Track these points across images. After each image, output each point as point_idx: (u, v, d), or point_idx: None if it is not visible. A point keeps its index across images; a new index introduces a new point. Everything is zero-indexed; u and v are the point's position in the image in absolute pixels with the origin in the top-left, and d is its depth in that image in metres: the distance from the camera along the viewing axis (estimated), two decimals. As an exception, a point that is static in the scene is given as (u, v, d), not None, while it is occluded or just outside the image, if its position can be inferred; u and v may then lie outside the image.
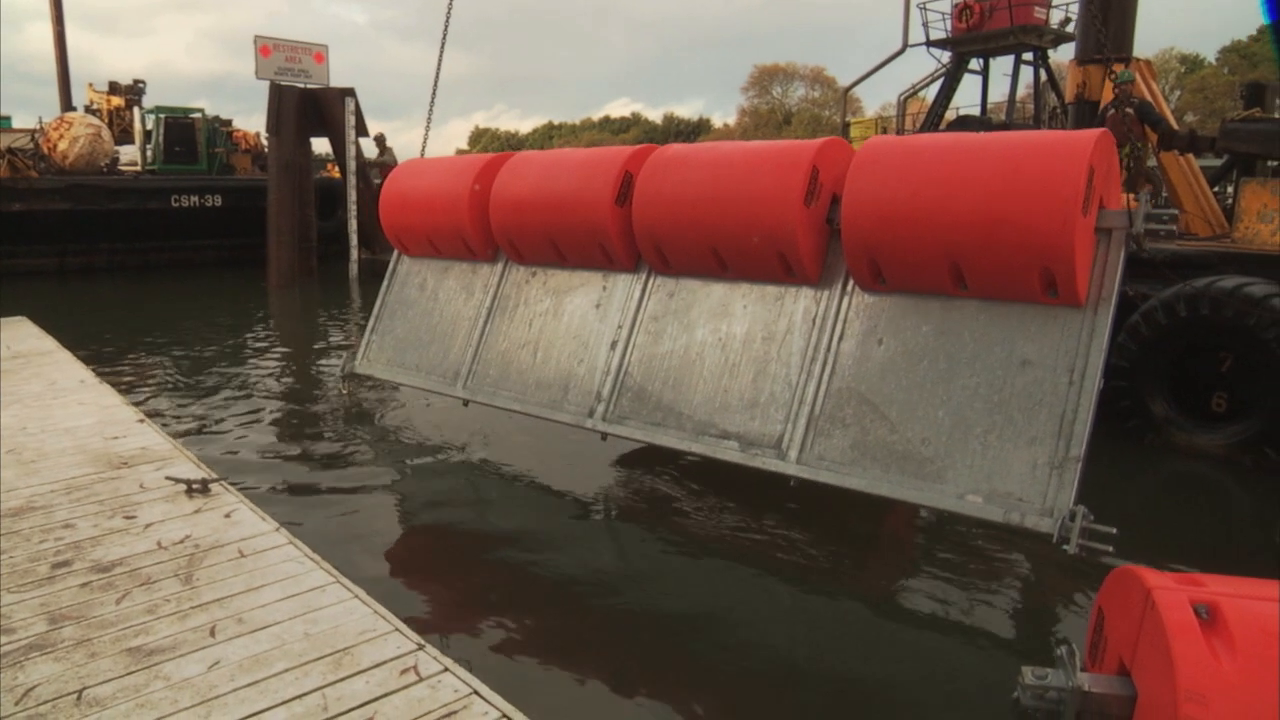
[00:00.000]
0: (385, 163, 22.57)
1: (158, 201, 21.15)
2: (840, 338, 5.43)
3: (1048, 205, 4.55)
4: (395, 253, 8.42)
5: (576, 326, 6.71)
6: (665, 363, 6.11)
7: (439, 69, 9.48)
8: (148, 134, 23.53)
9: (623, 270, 6.59)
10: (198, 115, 23.66)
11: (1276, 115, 10.74)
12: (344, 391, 8.45)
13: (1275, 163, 9.66)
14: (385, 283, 8.32)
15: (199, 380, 9.78)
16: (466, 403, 7.14)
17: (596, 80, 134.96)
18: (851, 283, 5.48)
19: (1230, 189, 10.66)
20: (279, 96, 19.13)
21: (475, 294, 7.56)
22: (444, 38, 9.28)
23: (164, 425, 6.94)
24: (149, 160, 23.34)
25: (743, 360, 5.78)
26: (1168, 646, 2.85)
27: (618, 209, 6.28)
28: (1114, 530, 4.14)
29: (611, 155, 6.55)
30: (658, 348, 6.19)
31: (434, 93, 9.47)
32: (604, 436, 6.17)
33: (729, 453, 5.57)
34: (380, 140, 23.80)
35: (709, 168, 5.85)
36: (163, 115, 23.05)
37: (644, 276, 6.47)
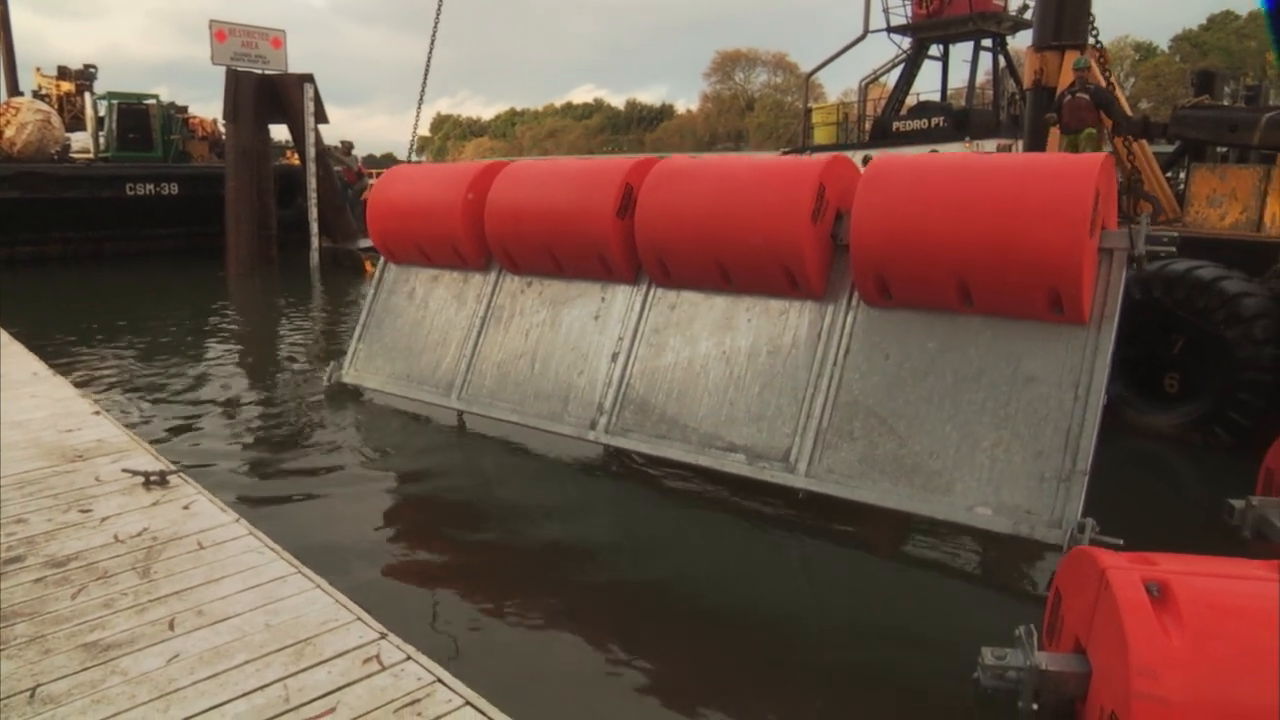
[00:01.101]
0: (348, 165, 22.25)
1: (111, 190, 20.67)
2: (846, 352, 5.53)
3: (1058, 228, 4.67)
4: (381, 260, 8.39)
5: (575, 338, 6.73)
6: (668, 375, 6.16)
7: (426, 75, 9.49)
8: (100, 120, 22.98)
9: (622, 282, 6.61)
10: (152, 101, 23.14)
11: (1226, 103, 10.95)
12: (330, 379, 8.35)
13: (1224, 149, 9.86)
14: (372, 291, 8.30)
15: (157, 371, 9.62)
16: (461, 414, 7.13)
17: (563, 67, 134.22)
18: (856, 297, 5.59)
19: (1182, 174, 10.85)
20: (236, 82, 18.80)
21: (468, 303, 7.55)
22: (431, 46, 9.24)
23: (121, 417, 6.82)
24: (102, 148, 22.81)
25: (748, 373, 5.86)
26: (1120, 624, 2.92)
27: (619, 221, 6.32)
28: (1120, 541, 4.26)
29: (611, 167, 6.59)
30: (660, 360, 6.24)
31: (420, 103, 9.40)
32: (606, 449, 6.23)
33: (736, 466, 5.65)
34: (347, 147, 23.57)
35: (714, 182, 5.93)
36: (115, 101, 22.52)
37: (644, 288, 6.52)
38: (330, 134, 20.72)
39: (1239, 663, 2.76)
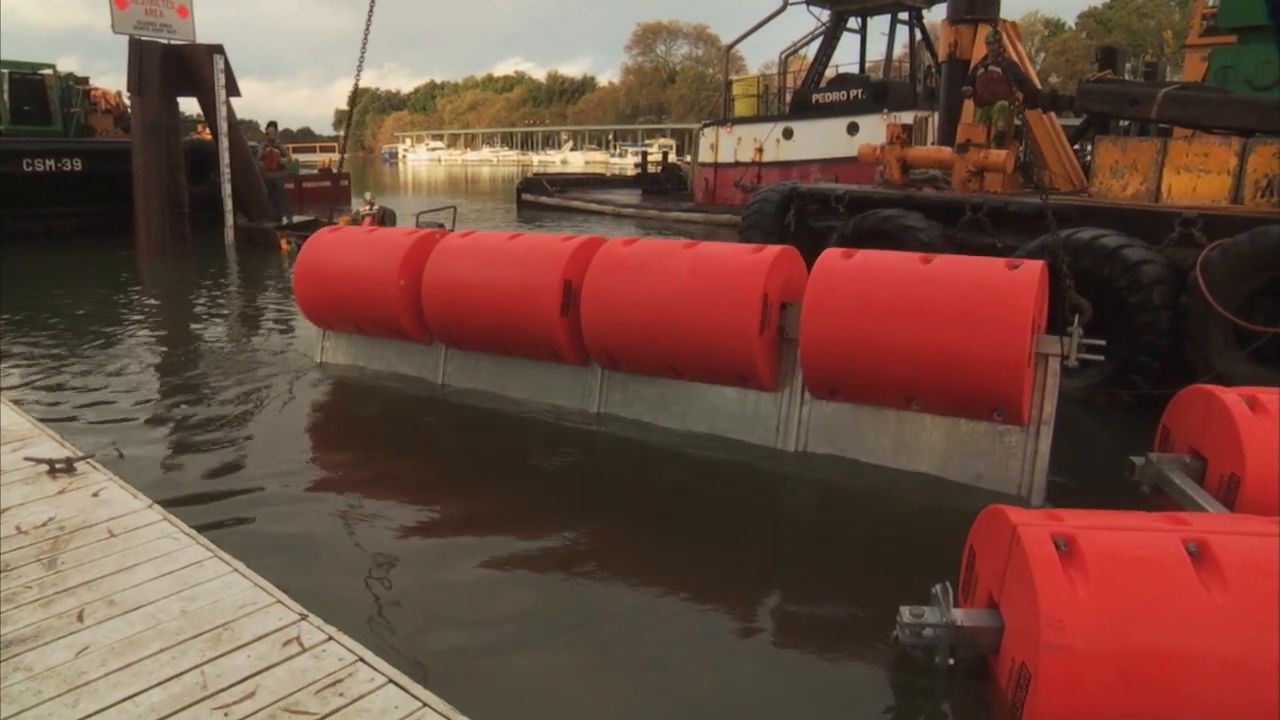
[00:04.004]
0: (256, 149, 21.42)
1: (7, 166, 19.64)
2: (806, 445, 5.93)
3: (999, 351, 4.97)
4: (321, 332, 8.37)
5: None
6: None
7: (358, 73, 9.22)
8: (-12, 92, 21.78)
9: (574, 364, 6.79)
10: (48, 72, 22.01)
11: (1127, 78, 11.35)
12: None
13: (1126, 122, 10.22)
14: (317, 357, 8.39)
15: (63, 356, 9.21)
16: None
17: (490, 39, 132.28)
18: (807, 393, 5.91)
19: (1089, 146, 11.22)
20: (140, 53, 17.98)
21: (422, 371, 7.69)
22: (367, 30, 8.99)
23: (24, 404, 6.54)
24: (-8, 121, 21.65)
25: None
26: (1030, 578, 3.04)
27: (563, 318, 6.46)
28: None
29: (547, 262, 6.57)
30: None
31: (351, 113, 9.03)
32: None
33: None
34: (272, 130, 22.77)
35: (656, 285, 6.03)
36: (6, 71, 21.38)
37: (597, 370, 6.75)
38: (247, 108, 19.94)
39: (1137, 609, 2.91)
